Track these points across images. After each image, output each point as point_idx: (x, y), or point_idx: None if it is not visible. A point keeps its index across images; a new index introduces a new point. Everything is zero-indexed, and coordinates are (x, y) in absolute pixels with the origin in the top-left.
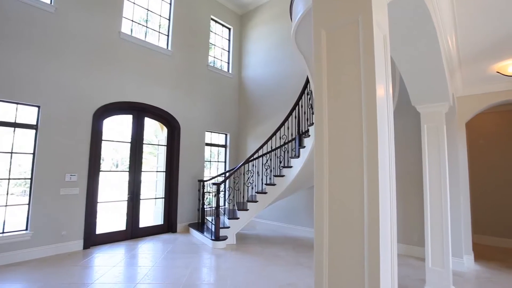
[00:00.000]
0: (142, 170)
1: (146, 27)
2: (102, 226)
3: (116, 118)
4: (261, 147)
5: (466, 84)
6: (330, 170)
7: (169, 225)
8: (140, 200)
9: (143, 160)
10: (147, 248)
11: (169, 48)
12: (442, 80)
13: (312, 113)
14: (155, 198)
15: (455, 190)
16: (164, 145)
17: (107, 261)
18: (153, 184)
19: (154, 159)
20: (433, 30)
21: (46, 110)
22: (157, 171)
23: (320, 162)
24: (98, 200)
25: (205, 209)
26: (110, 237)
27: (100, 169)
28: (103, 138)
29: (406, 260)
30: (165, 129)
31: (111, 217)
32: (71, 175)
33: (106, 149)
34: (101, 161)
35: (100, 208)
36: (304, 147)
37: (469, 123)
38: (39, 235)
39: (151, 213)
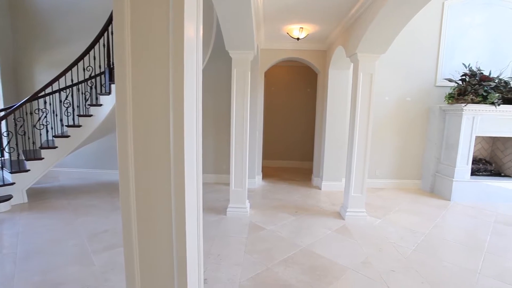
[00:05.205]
0: None
1: None
2: None
3: None
4: (56, 79)
5: (267, 39)
6: (134, 109)
7: None
8: None
9: None
10: None
11: None
12: (250, 30)
13: None
14: None
15: (253, 127)
16: None
17: None
18: None
19: None
20: None
21: None
22: None
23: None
24: None
25: None
26: None
27: None
28: None
29: (217, 187)
30: None
31: None
32: None
33: None
34: None
35: None
36: None
37: (266, 73)
38: None
39: None
